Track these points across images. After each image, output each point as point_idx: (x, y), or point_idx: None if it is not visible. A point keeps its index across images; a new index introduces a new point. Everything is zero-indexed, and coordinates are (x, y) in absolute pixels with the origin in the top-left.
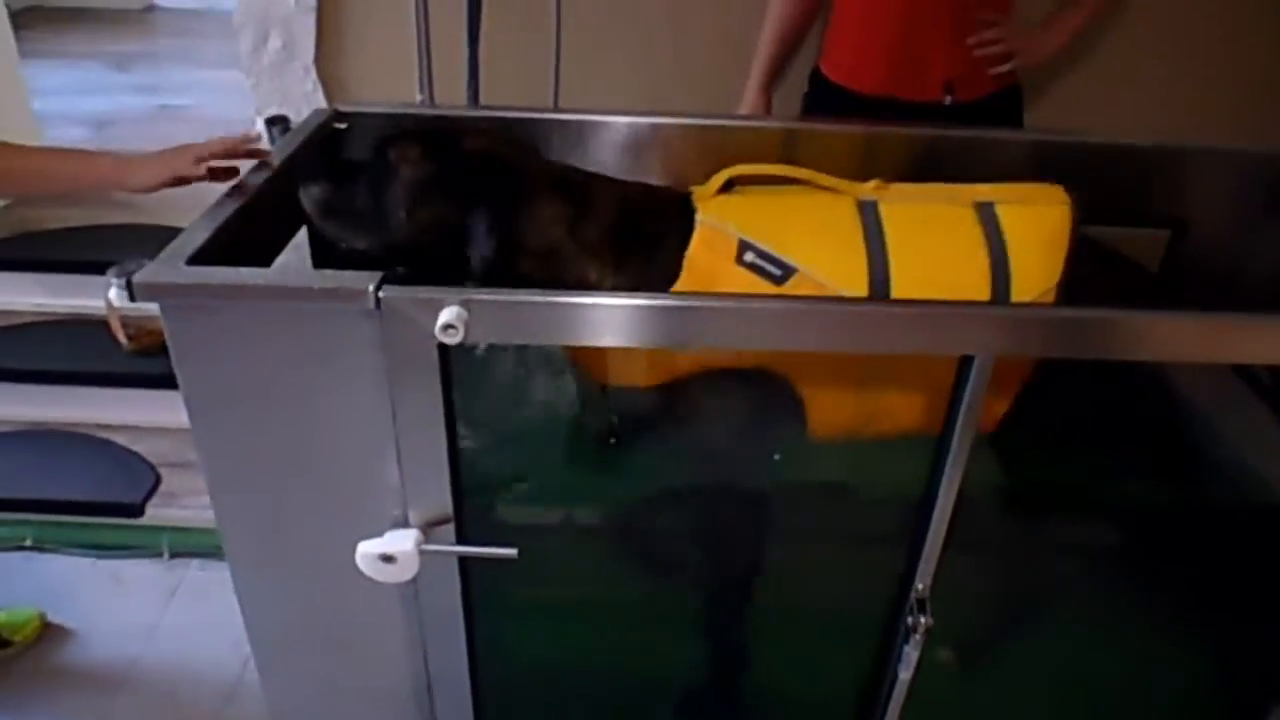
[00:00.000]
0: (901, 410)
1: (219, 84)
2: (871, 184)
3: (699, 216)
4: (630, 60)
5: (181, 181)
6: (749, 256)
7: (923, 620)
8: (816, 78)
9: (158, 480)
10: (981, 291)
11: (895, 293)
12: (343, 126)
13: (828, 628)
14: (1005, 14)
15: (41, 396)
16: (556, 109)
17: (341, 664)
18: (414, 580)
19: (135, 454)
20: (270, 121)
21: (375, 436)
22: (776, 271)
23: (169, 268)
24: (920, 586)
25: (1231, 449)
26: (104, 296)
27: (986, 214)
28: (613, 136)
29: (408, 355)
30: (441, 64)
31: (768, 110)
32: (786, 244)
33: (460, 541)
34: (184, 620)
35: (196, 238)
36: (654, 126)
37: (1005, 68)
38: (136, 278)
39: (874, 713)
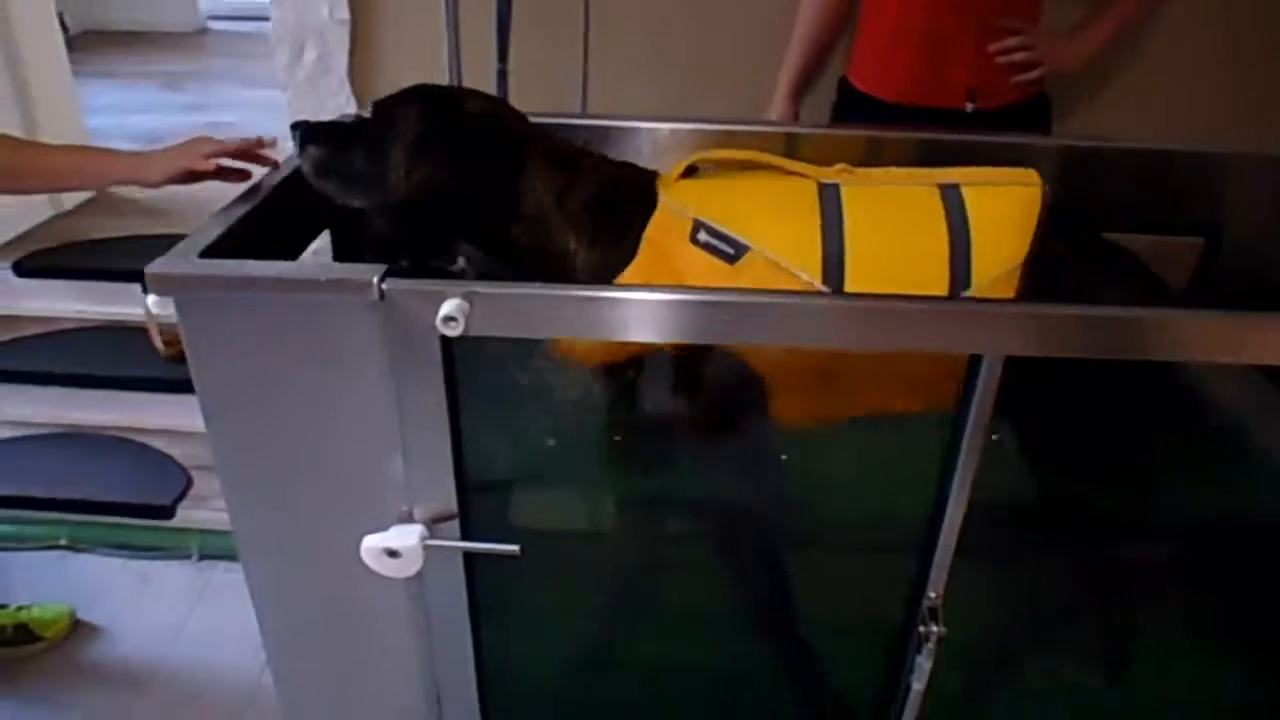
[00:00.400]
0: (868, 393)
1: (264, 102)
2: (836, 168)
3: (660, 198)
4: (656, 69)
5: (192, 175)
6: (702, 236)
7: (935, 629)
8: (844, 86)
9: (189, 483)
10: (940, 270)
11: (850, 269)
12: None
13: (837, 637)
14: (1032, 21)
15: (82, 400)
16: (583, 114)
17: (351, 664)
18: (420, 577)
19: (169, 457)
20: (295, 126)
21: (381, 431)
22: (729, 250)
23: (181, 260)
24: (932, 595)
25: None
26: (143, 304)
27: (950, 195)
28: (639, 142)
29: (411, 348)
30: (471, 74)
31: (795, 119)
32: (742, 223)
33: (465, 537)
34: (209, 622)
35: (211, 233)
36: (678, 132)
37: (1030, 76)
38: (149, 269)
39: None
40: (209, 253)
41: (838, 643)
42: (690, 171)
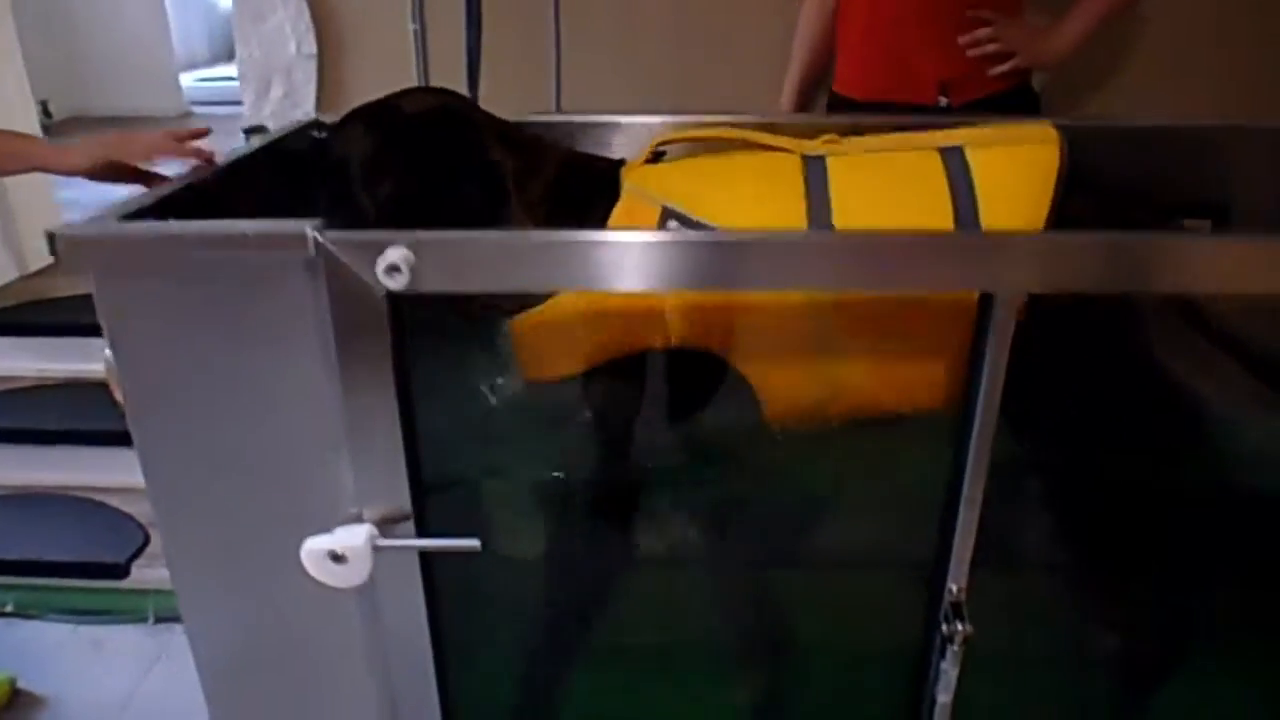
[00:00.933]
0: (867, 382)
1: None
2: (822, 139)
3: (624, 185)
4: (632, 65)
5: (117, 168)
6: (671, 225)
7: (960, 627)
8: (830, 97)
9: (146, 540)
10: None
11: None
12: (322, 135)
13: (849, 657)
14: (1010, 13)
15: (38, 459)
16: (558, 111)
17: (297, 696)
18: (371, 586)
19: (126, 515)
20: (249, 131)
21: (322, 418)
22: None
23: (95, 223)
24: (954, 588)
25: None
26: (103, 358)
27: (953, 159)
28: (616, 138)
29: (353, 310)
30: None
31: None
32: (716, 208)
33: (421, 535)
34: (161, 689)
35: (137, 204)
36: (651, 125)
37: (1004, 68)
38: (59, 233)
39: None
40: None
41: (850, 663)
42: (659, 158)
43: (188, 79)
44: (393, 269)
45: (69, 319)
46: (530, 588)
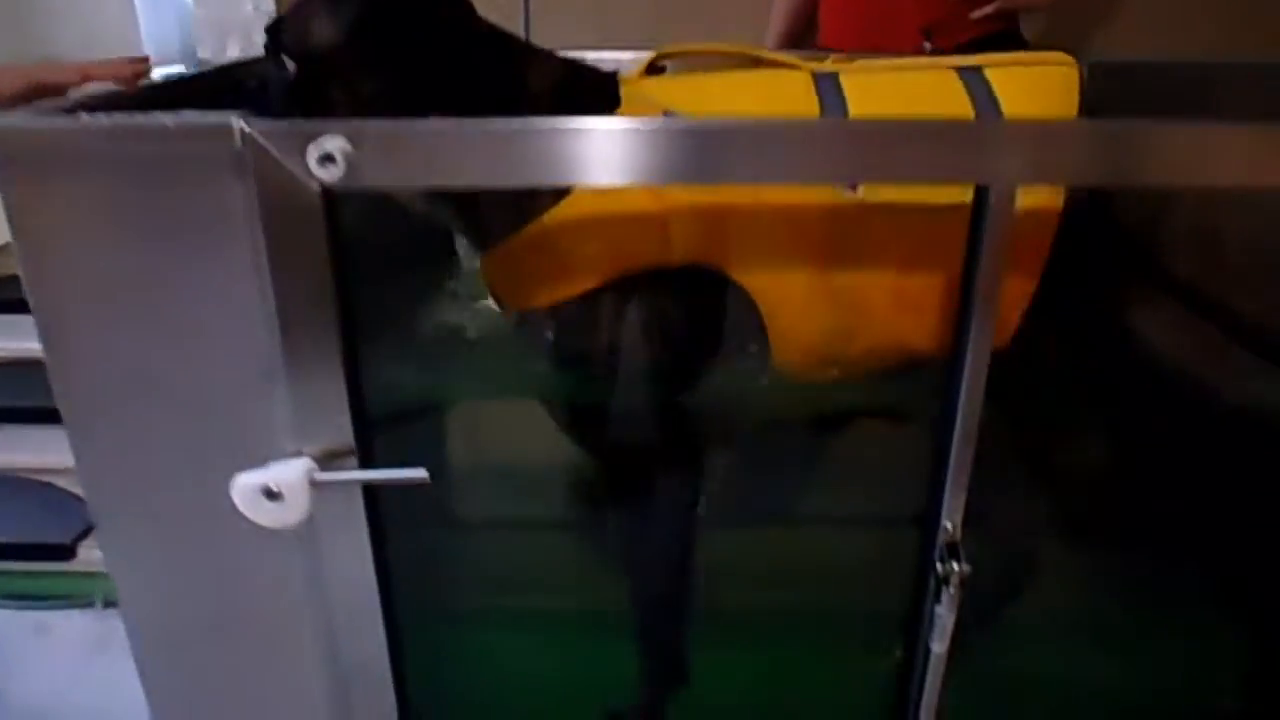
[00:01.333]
0: (886, 314)
1: None
2: (831, 58)
3: (623, 92)
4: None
5: (49, 90)
6: None
7: (956, 567)
8: None
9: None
10: None
11: None
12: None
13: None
14: None
15: None
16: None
17: (236, 661)
18: (311, 529)
19: (73, 495)
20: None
21: (256, 338)
22: None
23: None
24: (949, 525)
25: None
26: None
27: (972, 78)
28: None
29: (284, 208)
30: None
31: None
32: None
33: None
34: (107, 675)
35: (50, 106)
36: (621, 62)
37: (989, 10)
38: None
39: (905, 707)
40: None
41: (838, 615)
42: (658, 72)
43: (157, 75)
44: (326, 159)
45: (10, 295)
46: (491, 542)
